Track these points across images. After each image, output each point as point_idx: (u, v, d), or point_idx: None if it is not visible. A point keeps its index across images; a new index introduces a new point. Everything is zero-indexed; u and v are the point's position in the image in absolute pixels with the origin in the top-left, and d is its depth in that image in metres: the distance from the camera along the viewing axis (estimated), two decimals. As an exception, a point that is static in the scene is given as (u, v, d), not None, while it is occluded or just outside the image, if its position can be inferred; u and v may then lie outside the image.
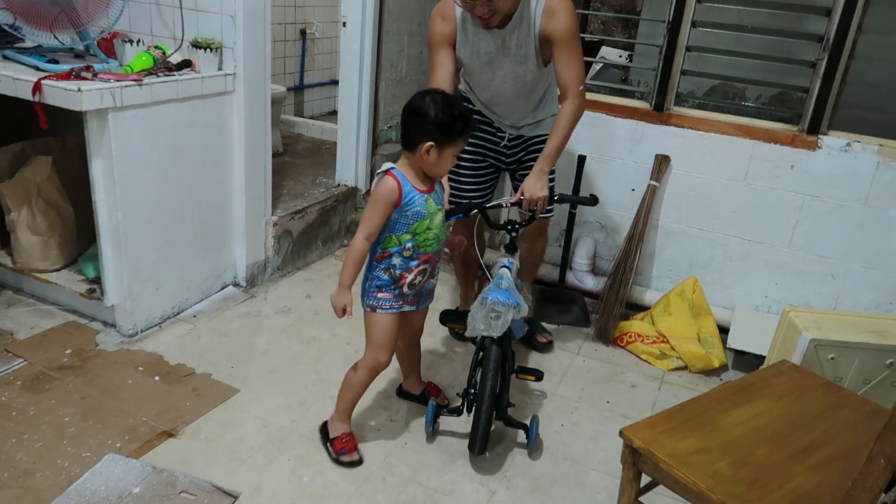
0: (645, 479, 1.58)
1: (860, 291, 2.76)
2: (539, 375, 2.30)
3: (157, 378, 2.36)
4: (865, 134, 2.66)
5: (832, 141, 2.66)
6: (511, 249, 2.25)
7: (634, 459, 1.53)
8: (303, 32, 5.12)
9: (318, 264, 3.38)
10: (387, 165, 1.88)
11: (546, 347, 2.77)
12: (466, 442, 2.19)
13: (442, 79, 2.28)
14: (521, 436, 2.24)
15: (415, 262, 1.95)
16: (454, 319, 2.58)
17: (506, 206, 2.32)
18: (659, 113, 2.91)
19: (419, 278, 1.98)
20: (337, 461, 2.06)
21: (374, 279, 1.99)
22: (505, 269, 2.14)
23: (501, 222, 2.31)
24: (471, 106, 2.52)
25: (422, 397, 2.35)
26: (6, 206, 2.66)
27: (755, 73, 2.94)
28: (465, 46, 2.30)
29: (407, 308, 2.03)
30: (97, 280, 2.61)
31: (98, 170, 2.36)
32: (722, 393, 1.71)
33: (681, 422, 1.57)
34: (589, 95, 3.05)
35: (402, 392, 2.40)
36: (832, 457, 1.50)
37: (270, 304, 2.94)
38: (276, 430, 2.17)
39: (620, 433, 1.53)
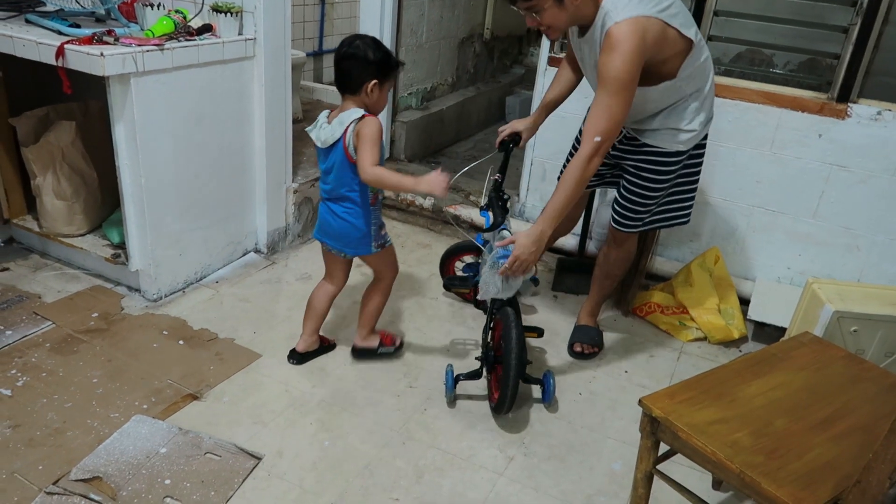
0: (662, 448, 1.59)
1: (886, 264, 2.72)
2: (540, 332, 2.38)
3: (181, 342, 2.40)
4: (897, 102, 2.59)
5: (862, 109, 2.60)
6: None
7: (653, 428, 1.54)
8: (322, -3, 5.06)
9: (338, 231, 3.39)
10: (356, 112, 2.00)
11: (581, 357, 2.55)
12: (485, 407, 2.22)
13: (568, 52, 2.35)
14: (539, 402, 2.26)
15: (381, 192, 2.23)
16: (459, 284, 2.73)
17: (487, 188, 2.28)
18: (684, 80, 2.85)
19: None
20: (394, 353, 2.43)
21: (375, 221, 2.18)
22: (505, 231, 2.17)
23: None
24: None
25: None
26: (31, 171, 2.70)
27: (784, 38, 2.86)
28: (570, 38, 2.21)
29: None
30: (121, 245, 2.64)
31: (121, 135, 2.37)
32: (742, 364, 1.70)
33: (700, 392, 1.58)
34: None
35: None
36: (852, 428, 1.49)
37: (291, 271, 2.96)
38: (298, 394, 2.21)
39: (640, 402, 1.54)
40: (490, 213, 2.23)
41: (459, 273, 2.78)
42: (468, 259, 2.79)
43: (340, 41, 2.03)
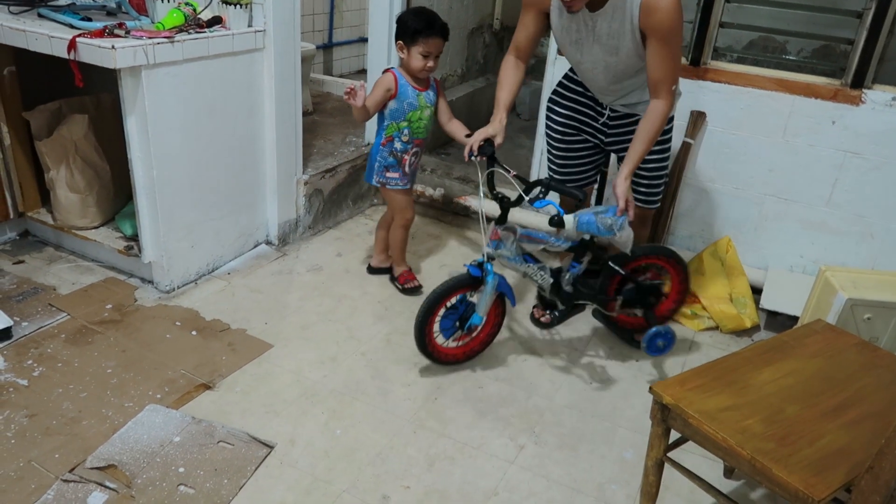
0: (674, 437, 1.59)
1: (900, 252, 2.69)
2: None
3: (193, 333, 2.42)
4: (913, 88, 2.56)
5: (877, 95, 2.57)
6: (501, 221, 2.18)
7: (664, 415, 1.54)
8: (331, -11, 5.06)
9: (349, 223, 3.40)
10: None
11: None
12: (496, 397, 2.23)
13: (519, 39, 2.30)
14: (550, 391, 2.27)
15: (410, 146, 2.59)
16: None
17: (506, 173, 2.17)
18: (695, 67, 2.83)
19: (413, 159, 2.64)
20: (403, 291, 2.77)
21: (382, 159, 2.61)
22: (550, 206, 2.12)
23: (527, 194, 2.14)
24: (573, 75, 2.44)
25: (388, 271, 2.88)
26: (45, 165, 2.72)
27: (797, 24, 2.83)
28: (557, 19, 2.19)
29: (408, 185, 2.68)
30: (134, 237, 2.67)
31: (133, 127, 2.39)
32: (754, 351, 1.70)
33: (711, 379, 1.57)
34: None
35: (371, 269, 2.91)
36: (865, 415, 1.49)
37: (302, 263, 2.98)
38: (310, 384, 2.23)
39: (650, 389, 1.54)
40: (545, 200, 2.12)
41: (437, 326, 2.28)
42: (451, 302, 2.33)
43: None
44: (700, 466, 1.88)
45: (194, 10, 2.56)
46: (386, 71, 2.54)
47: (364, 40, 5.16)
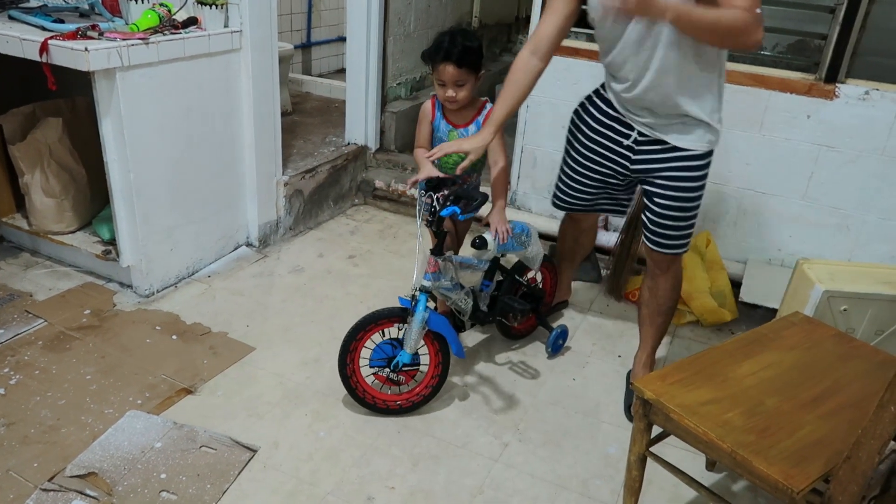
0: (656, 431, 1.60)
1: (875, 243, 2.73)
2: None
3: (174, 337, 2.40)
4: (886, 82, 2.59)
5: (850, 89, 2.60)
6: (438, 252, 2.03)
7: (645, 410, 1.55)
8: (309, -12, 5.03)
9: (330, 223, 3.39)
10: None
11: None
12: (479, 395, 2.23)
13: (543, 30, 1.93)
14: (534, 388, 2.28)
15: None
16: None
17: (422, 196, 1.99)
18: (672, 64, 2.84)
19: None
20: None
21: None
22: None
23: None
24: (603, 92, 2.12)
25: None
26: (19, 169, 2.68)
27: (772, 20, 2.86)
28: None
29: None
30: (112, 241, 2.63)
31: (108, 130, 2.36)
32: (733, 345, 1.71)
33: (692, 373, 1.59)
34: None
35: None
36: (843, 406, 1.51)
37: (283, 264, 2.96)
38: (292, 386, 2.21)
39: (631, 384, 1.55)
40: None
41: (367, 359, 2.09)
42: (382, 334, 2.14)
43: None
44: (683, 460, 1.90)
45: (169, 11, 2.53)
46: (431, 97, 2.25)
47: (343, 39, 5.13)
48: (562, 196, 2.31)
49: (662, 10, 1.63)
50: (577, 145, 2.19)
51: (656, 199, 2.04)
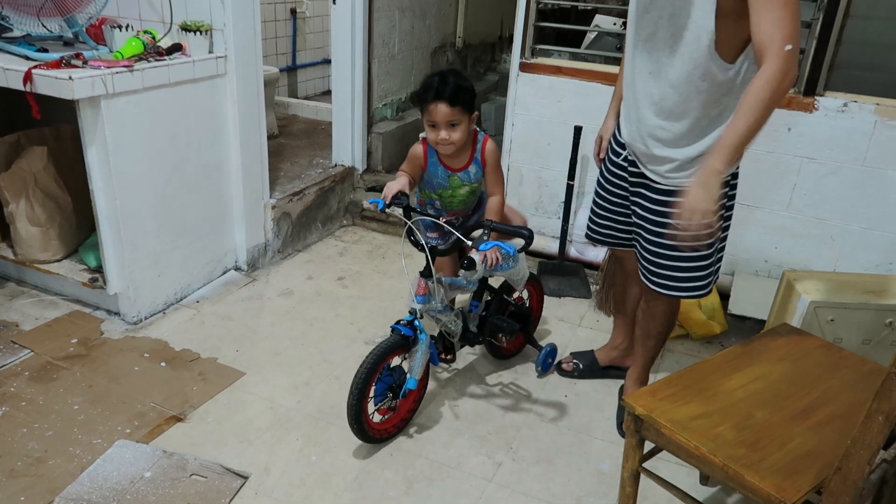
0: (649, 446, 1.60)
1: (859, 252, 2.76)
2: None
3: (163, 364, 2.38)
4: (863, 94, 2.64)
5: (829, 102, 2.65)
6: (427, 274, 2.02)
7: (637, 426, 1.55)
8: (293, 11, 5.07)
9: (318, 245, 3.38)
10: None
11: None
12: (471, 414, 2.22)
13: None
14: (525, 406, 2.27)
15: (443, 214, 2.24)
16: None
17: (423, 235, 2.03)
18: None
19: (452, 219, 2.26)
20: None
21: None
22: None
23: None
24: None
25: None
26: (4, 199, 2.66)
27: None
28: None
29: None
30: (99, 269, 2.62)
31: (94, 158, 2.35)
32: (722, 358, 1.72)
33: (682, 388, 1.59)
34: (583, 65, 3.03)
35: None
36: (832, 416, 1.51)
37: (272, 287, 2.95)
38: (283, 411, 2.20)
39: (622, 400, 1.55)
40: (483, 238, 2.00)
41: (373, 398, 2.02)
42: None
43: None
44: (676, 474, 1.90)
45: (153, 38, 2.54)
46: (421, 140, 2.15)
47: (328, 62, 5.16)
48: (591, 225, 2.14)
49: (718, 177, 1.53)
50: (605, 173, 2.04)
51: (646, 234, 1.92)
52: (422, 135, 2.13)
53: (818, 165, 2.72)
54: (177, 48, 2.57)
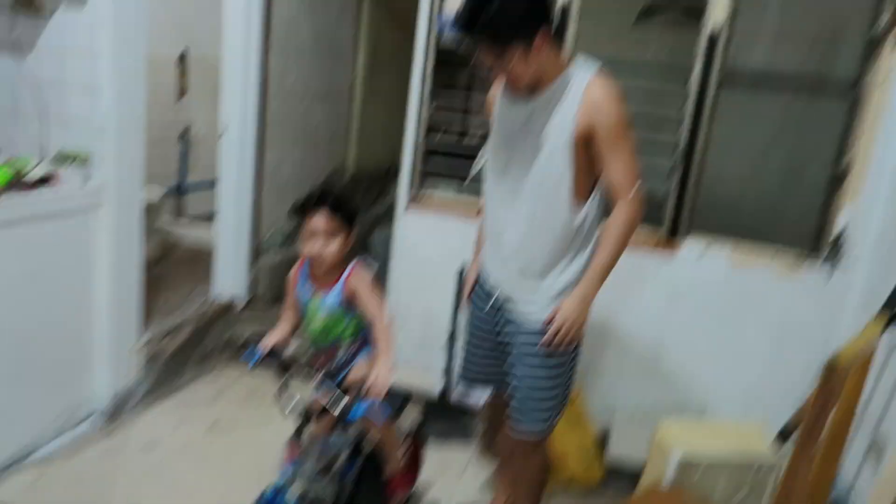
0: None
1: (726, 393, 2.85)
2: None
3: (-6, 542, 2.09)
4: (726, 231, 2.79)
5: (691, 245, 2.80)
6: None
7: None
8: (183, 134, 5.00)
9: (192, 387, 3.15)
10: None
11: None
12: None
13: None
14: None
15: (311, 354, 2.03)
16: None
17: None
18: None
19: (319, 377, 1.88)
20: None
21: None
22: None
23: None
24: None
25: None
26: None
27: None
28: (498, 115, 1.94)
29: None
30: (-73, 427, 2.32)
31: (-70, 307, 2.14)
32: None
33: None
34: (468, 199, 3.10)
35: None
36: None
37: (135, 439, 2.69)
38: None
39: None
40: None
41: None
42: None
43: None
44: None
45: (20, 170, 2.40)
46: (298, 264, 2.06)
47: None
48: (465, 364, 2.19)
49: (583, 314, 1.88)
50: (476, 310, 2.14)
51: (517, 373, 2.01)
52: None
53: (686, 306, 2.85)
54: (47, 179, 2.43)
